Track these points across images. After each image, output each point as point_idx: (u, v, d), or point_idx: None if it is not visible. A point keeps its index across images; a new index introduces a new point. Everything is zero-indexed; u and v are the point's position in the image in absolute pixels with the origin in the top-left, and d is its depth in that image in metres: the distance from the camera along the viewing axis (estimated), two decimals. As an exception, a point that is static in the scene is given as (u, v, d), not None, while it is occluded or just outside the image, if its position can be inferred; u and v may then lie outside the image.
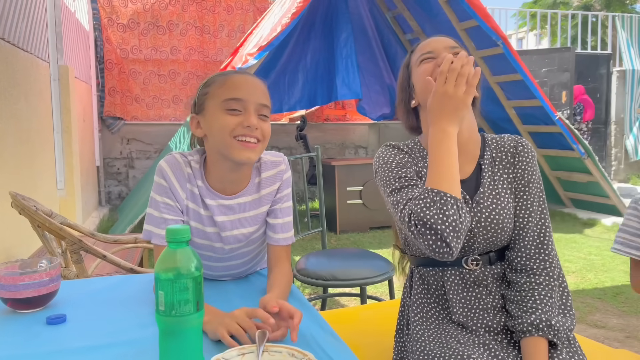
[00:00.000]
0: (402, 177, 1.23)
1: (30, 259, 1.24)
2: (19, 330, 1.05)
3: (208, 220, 1.27)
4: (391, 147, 1.33)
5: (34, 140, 3.55)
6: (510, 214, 1.23)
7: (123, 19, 6.65)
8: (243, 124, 1.16)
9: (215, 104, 1.18)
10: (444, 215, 1.07)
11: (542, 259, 1.22)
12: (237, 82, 1.19)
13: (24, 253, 3.04)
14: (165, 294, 0.80)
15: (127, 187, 6.81)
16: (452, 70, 1.12)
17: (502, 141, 1.31)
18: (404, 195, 1.18)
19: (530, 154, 1.28)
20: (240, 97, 1.17)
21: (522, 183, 1.26)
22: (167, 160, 1.25)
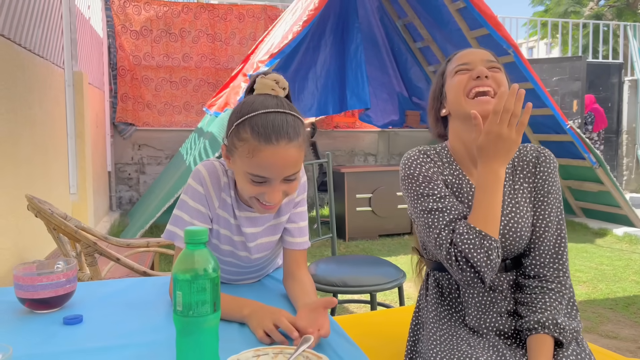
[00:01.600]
0: (432, 194, 1.23)
1: (47, 260, 1.26)
2: (36, 330, 1.07)
3: (236, 230, 1.28)
4: (417, 155, 1.30)
5: (48, 145, 3.59)
6: (528, 223, 1.24)
7: (136, 26, 6.73)
8: (265, 197, 1.12)
9: (242, 167, 1.11)
10: (489, 259, 1.13)
11: (556, 268, 1.23)
12: (265, 161, 1.07)
13: (37, 256, 3.08)
14: (183, 294, 0.81)
15: (137, 192, 6.85)
16: (506, 111, 1.09)
17: (525, 150, 1.31)
18: (440, 220, 1.19)
19: (551, 165, 1.28)
20: (266, 176, 1.09)
21: (541, 193, 1.26)
22: (206, 167, 1.23)
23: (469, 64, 1.27)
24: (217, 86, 6.94)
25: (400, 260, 4.53)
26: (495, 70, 1.27)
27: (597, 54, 9.30)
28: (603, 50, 9.12)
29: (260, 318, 1.04)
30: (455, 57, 1.33)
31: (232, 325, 1.10)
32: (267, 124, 1.07)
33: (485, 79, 1.23)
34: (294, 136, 1.09)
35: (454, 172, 1.29)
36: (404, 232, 5.66)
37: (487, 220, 1.14)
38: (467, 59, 1.28)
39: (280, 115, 1.09)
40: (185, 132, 6.66)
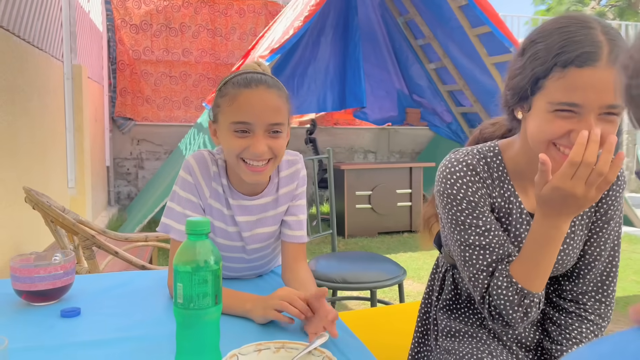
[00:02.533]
0: (475, 225, 1.05)
1: (45, 252, 1.24)
2: (33, 323, 1.05)
3: (231, 220, 1.27)
4: (464, 171, 1.07)
5: (47, 138, 3.57)
6: (577, 252, 1.10)
7: (136, 21, 6.69)
8: (250, 149, 1.12)
9: (225, 123, 1.15)
10: (526, 316, 1.02)
11: (599, 300, 1.11)
12: (244, 102, 1.12)
13: (35, 249, 3.05)
14: (184, 286, 0.80)
15: (136, 187, 6.83)
16: (585, 165, 0.85)
17: None
18: (481, 259, 1.05)
19: (622, 188, 1.11)
20: (247, 120, 1.12)
21: (603, 219, 1.10)
22: (194, 157, 1.24)
23: (579, 107, 0.90)
24: (217, 81, 6.91)
25: (400, 258, 4.51)
26: (611, 119, 0.92)
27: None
28: (604, 49, 9.11)
29: (262, 312, 1.03)
30: (569, 74, 0.90)
31: (233, 318, 1.08)
32: (245, 77, 1.15)
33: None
34: (274, 84, 1.15)
35: (504, 193, 1.09)
36: (403, 230, 5.65)
37: (533, 276, 0.99)
38: (581, 99, 0.90)
39: (259, 74, 1.16)
40: (185, 127, 6.63)
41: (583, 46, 0.90)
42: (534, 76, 0.95)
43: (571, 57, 0.90)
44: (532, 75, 0.95)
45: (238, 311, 1.09)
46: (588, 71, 0.89)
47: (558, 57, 0.91)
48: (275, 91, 1.14)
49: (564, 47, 0.91)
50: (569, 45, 0.91)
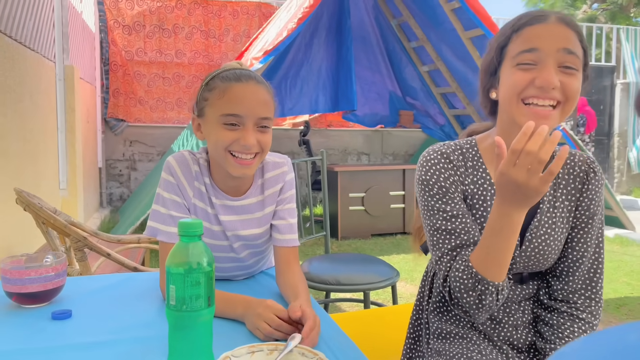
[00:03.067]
0: (443, 210, 1.09)
1: (36, 253, 1.23)
2: (24, 325, 1.04)
3: (215, 219, 1.26)
4: (438, 159, 1.12)
5: (38, 139, 3.54)
6: (560, 245, 1.12)
7: (129, 22, 6.67)
8: (240, 141, 1.13)
9: (214, 115, 1.15)
10: (480, 302, 1.03)
11: (589, 297, 1.12)
12: (236, 95, 1.13)
13: (26, 251, 3.03)
14: (177, 288, 0.79)
15: (128, 189, 6.79)
16: (526, 154, 0.88)
17: (573, 162, 1.14)
18: (446, 243, 1.08)
19: (600, 183, 1.13)
20: (239, 113, 1.13)
21: (585, 214, 1.12)
22: (175, 157, 1.24)
23: (537, 51, 0.99)
24: (210, 83, 6.89)
25: (393, 260, 4.51)
26: (570, 71, 1.00)
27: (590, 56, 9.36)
28: (596, 53, 9.16)
29: (255, 321, 1.00)
30: (523, 32, 1.03)
31: (226, 320, 1.08)
32: (234, 72, 1.17)
33: (552, 91, 0.99)
34: (261, 80, 1.18)
35: (478, 180, 1.13)
36: (396, 232, 5.65)
37: (489, 264, 1.00)
38: (537, 43, 1.00)
39: (246, 70, 1.20)
40: (178, 128, 6.61)
41: (533, 14, 1.04)
42: (498, 47, 1.06)
43: (524, 21, 1.04)
44: (496, 48, 1.07)
45: (229, 315, 1.08)
46: (540, 26, 1.02)
47: (514, 26, 1.05)
48: (263, 87, 1.17)
49: (519, 19, 1.05)
50: (522, 17, 1.05)
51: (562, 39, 1.00)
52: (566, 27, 1.01)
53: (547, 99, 0.99)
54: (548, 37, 1.00)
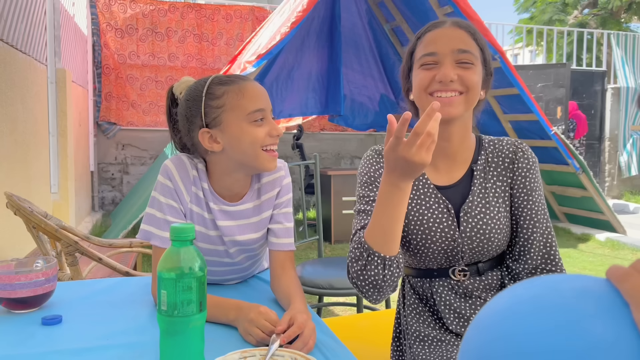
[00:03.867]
0: (366, 196, 1.18)
1: (26, 258, 1.21)
2: (13, 331, 1.03)
3: (211, 224, 1.25)
4: (372, 154, 1.24)
5: (29, 143, 3.52)
6: (500, 225, 1.16)
7: (121, 25, 6.65)
8: (271, 133, 1.18)
9: (239, 117, 1.15)
10: (364, 272, 1.07)
11: (549, 270, 1.16)
12: (254, 91, 1.18)
13: (16, 255, 3.00)
14: (168, 293, 0.79)
15: (121, 192, 6.76)
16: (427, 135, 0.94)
17: (500, 145, 1.22)
18: (360, 221, 1.15)
19: (531, 160, 1.20)
20: (262, 107, 1.17)
21: (523, 192, 1.18)
22: (173, 161, 1.22)
23: (436, 54, 1.12)
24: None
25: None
26: (467, 65, 1.12)
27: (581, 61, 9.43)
28: (587, 58, 9.24)
29: (247, 326, 0.99)
30: (424, 38, 1.17)
31: (218, 325, 1.07)
32: (227, 75, 1.20)
33: (450, 83, 1.11)
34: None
35: None
36: (389, 236, 5.65)
37: (377, 235, 1.05)
38: (434, 47, 1.13)
39: (236, 74, 1.24)
40: (170, 132, 6.58)
41: (434, 22, 1.19)
42: (408, 53, 1.21)
43: (425, 29, 1.19)
44: (407, 54, 1.22)
45: (221, 320, 1.07)
46: (437, 31, 1.16)
47: (418, 34, 1.20)
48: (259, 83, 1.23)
49: (424, 28, 1.20)
50: (427, 25, 1.20)
51: (456, 41, 1.13)
52: (459, 29, 1.15)
53: (449, 91, 1.12)
54: (444, 40, 1.13)
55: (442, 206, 1.18)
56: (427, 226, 1.17)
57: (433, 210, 1.18)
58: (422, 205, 1.19)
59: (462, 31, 1.15)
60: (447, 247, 1.16)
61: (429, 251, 1.17)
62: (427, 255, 1.18)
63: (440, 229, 1.16)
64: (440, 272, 1.20)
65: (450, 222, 1.17)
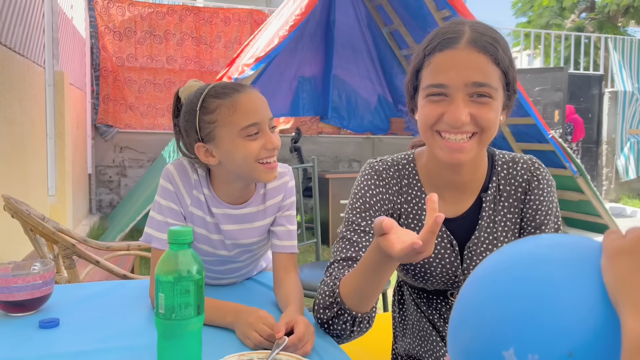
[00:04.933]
0: (356, 223, 1.08)
1: (23, 261, 1.21)
2: (10, 334, 1.02)
3: (214, 228, 1.25)
4: (371, 174, 1.11)
5: (27, 145, 3.51)
6: None
7: (120, 27, 6.65)
8: (266, 146, 1.15)
9: (231, 133, 1.13)
10: (332, 324, 1.03)
11: None
12: (247, 105, 1.13)
13: (13, 258, 2.99)
14: (166, 296, 0.78)
15: (118, 195, 6.75)
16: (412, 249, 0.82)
17: (515, 170, 1.08)
18: (342, 250, 1.07)
19: (546, 189, 1.07)
20: (256, 121, 1.13)
21: (531, 226, 1.08)
22: (174, 165, 1.23)
23: (445, 87, 0.94)
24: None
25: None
26: (483, 100, 0.95)
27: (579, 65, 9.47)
28: (584, 62, 9.27)
29: (246, 330, 0.99)
30: (433, 59, 0.97)
31: (215, 328, 1.07)
32: (223, 85, 1.16)
33: (463, 126, 0.94)
34: (252, 87, 1.18)
35: (413, 199, 1.10)
36: (387, 239, 5.65)
37: (354, 295, 0.98)
38: (444, 78, 0.94)
39: (231, 82, 1.18)
40: (168, 135, 6.58)
41: (445, 34, 0.97)
42: (414, 71, 1.03)
43: (434, 44, 0.97)
44: (413, 71, 1.03)
45: (219, 323, 1.07)
46: (448, 53, 0.94)
47: (426, 49, 0.99)
48: (258, 90, 1.19)
49: (432, 40, 0.99)
50: (435, 37, 0.99)
51: (471, 70, 0.93)
52: (477, 52, 0.93)
53: (459, 133, 0.96)
54: (456, 69, 0.93)
55: (445, 241, 1.08)
56: (428, 261, 1.08)
57: (435, 245, 1.07)
58: None
59: (480, 55, 0.93)
60: (448, 280, 1.10)
61: (428, 281, 1.11)
62: (425, 281, 1.11)
63: (441, 264, 1.09)
64: (437, 293, 1.15)
65: (453, 258, 1.08)
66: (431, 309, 1.16)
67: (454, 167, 1.04)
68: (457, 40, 0.95)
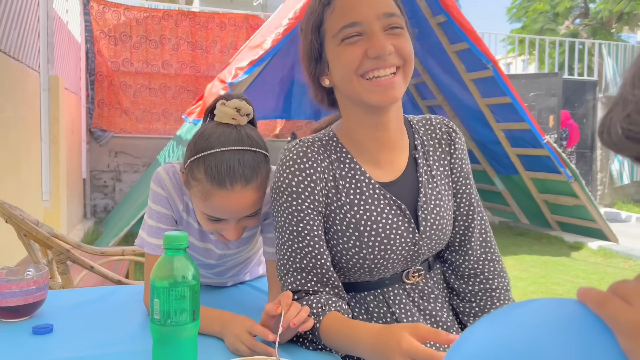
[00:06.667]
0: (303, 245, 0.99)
1: (17, 266, 1.20)
2: (3, 340, 1.01)
3: (200, 235, 1.24)
4: (294, 157, 1.00)
5: (21, 150, 3.50)
6: (450, 214, 1.07)
7: (115, 32, 6.65)
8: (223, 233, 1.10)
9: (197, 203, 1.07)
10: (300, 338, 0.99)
11: (490, 260, 1.09)
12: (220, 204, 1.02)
13: (7, 263, 2.97)
14: (161, 302, 0.78)
15: (113, 200, 6.73)
16: None
17: (432, 125, 1.09)
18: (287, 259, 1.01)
19: (462, 140, 1.11)
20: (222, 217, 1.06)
21: (462, 176, 1.09)
22: (166, 169, 1.20)
23: (360, 25, 0.91)
24: (197, 94, 6.89)
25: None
26: (398, 31, 0.93)
27: (573, 71, 9.52)
28: (578, 67, 9.32)
29: (233, 342, 0.97)
30: (336, 3, 0.94)
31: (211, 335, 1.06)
32: (221, 165, 0.99)
33: (389, 57, 0.91)
34: (252, 177, 1.01)
35: (349, 172, 1.02)
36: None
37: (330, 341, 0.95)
38: (356, 16, 0.91)
39: (238, 154, 1.00)
40: (164, 139, 6.57)
41: None
42: (314, 28, 0.97)
43: None
44: (312, 30, 0.97)
45: (206, 332, 1.04)
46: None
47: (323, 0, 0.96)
48: (253, 186, 1.02)
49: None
50: None
51: (378, 3, 0.92)
52: None
53: (387, 67, 0.92)
54: (364, 4, 0.91)
55: (394, 208, 1.01)
56: (385, 235, 1.00)
57: (386, 215, 1.00)
58: (372, 212, 1.00)
59: None
60: (407, 252, 1.02)
61: (388, 262, 1.01)
62: (384, 266, 1.02)
63: (399, 234, 1.01)
64: (392, 279, 1.05)
65: (407, 224, 1.02)
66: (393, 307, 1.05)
67: (382, 121, 0.99)
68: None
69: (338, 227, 1.01)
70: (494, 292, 1.08)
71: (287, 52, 6.57)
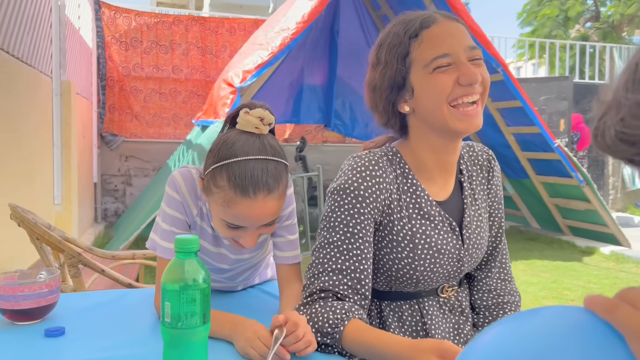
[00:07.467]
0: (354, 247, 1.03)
1: (29, 269, 1.21)
2: (16, 342, 1.02)
3: (214, 240, 1.24)
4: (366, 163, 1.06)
5: (34, 154, 3.53)
6: (487, 235, 1.17)
7: (126, 37, 6.71)
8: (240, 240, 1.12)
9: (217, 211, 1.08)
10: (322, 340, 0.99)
11: (504, 279, 1.21)
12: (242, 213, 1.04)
13: (20, 267, 3.00)
14: (172, 305, 0.78)
15: (123, 204, 6.77)
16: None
17: (474, 152, 1.19)
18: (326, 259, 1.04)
19: (499, 168, 1.22)
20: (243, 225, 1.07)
21: (496, 201, 1.20)
22: (181, 173, 1.20)
23: (450, 56, 0.99)
24: (206, 99, 6.93)
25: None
26: (479, 62, 1.02)
27: (584, 74, 9.46)
28: (589, 71, 9.26)
29: (243, 346, 0.97)
30: (424, 35, 1.01)
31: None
32: (245, 174, 1.01)
33: (476, 85, 1.00)
34: (274, 186, 1.03)
35: (410, 187, 1.09)
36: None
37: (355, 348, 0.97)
38: (447, 48, 0.99)
39: (261, 163, 1.03)
40: (174, 144, 6.61)
41: (419, 16, 1.03)
42: (400, 57, 1.03)
43: (416, 26, 1.02)
44: (397, 60, 1.03)
45: (216, 335, 1.04)
46: (436, 27, 1.01)
47: (408, 31, 1.02)
48: (275, 195, 1.05)
49: (407, 25, 1.03)
50: (408, 23, 1.04)
51: (463, 36, 1.02)
52: (457, 22, 1.03)
53: (472, 95, 1.00)
54: (453, 37, 1.00)
55: (446, 224, 1.10)
56: (437, 249, 1.07)
57: (439, 231, 1.08)
58: (427, 227, 1.07)
59: (460, 25, 1.03)
60: (452, 267, 1.10)
61: (434, 275, 1.08)
62: (430, 278, 1.08)
63: (448, 249, 1.08)
64: (429, 292, 1.12)
65: (456, 240, 1.10)
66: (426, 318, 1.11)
67: (453, 148, 1.08)
68: (434, 17, 1.03)
69: (394, 237, 1.06)
70: (506, 305, 1.19)
71: (297, 56, 6.59)
